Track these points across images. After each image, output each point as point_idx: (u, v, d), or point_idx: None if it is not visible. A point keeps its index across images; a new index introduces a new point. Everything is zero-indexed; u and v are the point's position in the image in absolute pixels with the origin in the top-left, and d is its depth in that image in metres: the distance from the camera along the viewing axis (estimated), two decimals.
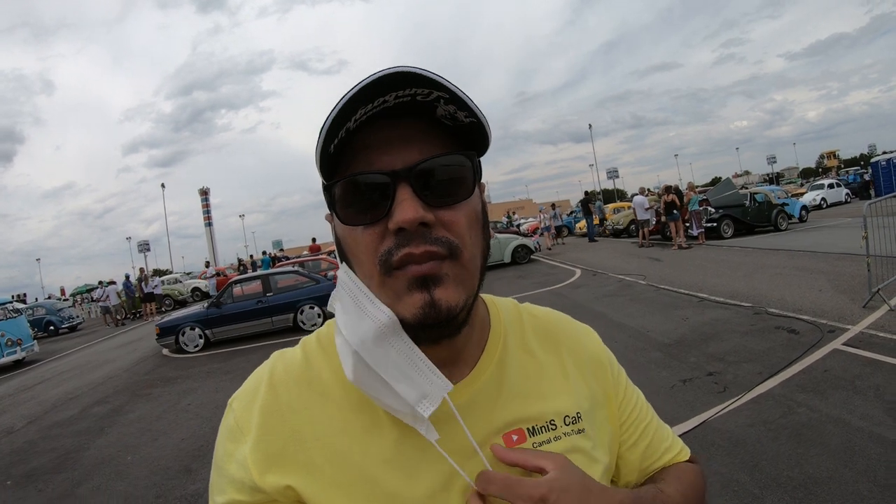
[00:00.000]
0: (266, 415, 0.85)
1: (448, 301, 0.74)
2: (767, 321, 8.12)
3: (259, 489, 0.80)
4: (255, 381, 0.91)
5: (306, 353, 0.93)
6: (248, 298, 15.00)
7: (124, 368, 13.98)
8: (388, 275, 0.74)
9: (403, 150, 0.75)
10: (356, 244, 0.77)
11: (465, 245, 0.76)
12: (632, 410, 1.04)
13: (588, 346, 1.06)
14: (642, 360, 7.18)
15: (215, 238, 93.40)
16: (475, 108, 0.75)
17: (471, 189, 0.79)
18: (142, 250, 58.38)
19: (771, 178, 75.89)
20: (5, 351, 18.41)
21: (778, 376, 5.84)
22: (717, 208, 21.80)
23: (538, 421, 0.89)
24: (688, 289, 11.51)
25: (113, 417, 9.12)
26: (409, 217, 0.71)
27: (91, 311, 40.99)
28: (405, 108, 0.73)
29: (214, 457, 0.88)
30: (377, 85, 0.68)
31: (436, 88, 0.71)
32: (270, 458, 0.81)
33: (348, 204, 0.76)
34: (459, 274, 0.76)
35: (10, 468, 7.42)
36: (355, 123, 0.72)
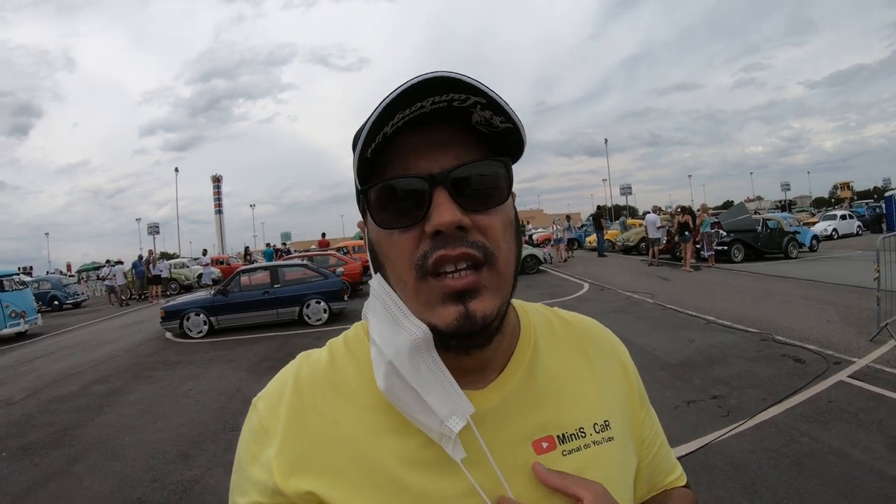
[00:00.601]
0: (291, 417, 0.85)
1: (483, 311, 0.74)
2: (774, 348, 8.12)
3: (280, 493, 0.80)
4: (280, 382, 0.91)
5: (333, 356, 0.93)
6: (255, 288, 15.02)
7: (127, 349, 14.02)
8: (423, 280, 0.74)
9: (439, 155, 0.76)
10: (391, 248, 0.78)
11: (500, 250, 0.76)
12: (651, 429, 1.05)
13: (617, 356, 1.06)
14: (647, 378, 6.95)
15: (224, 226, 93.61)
16: (512, 113, 0.75)
17: (505, 195, 0.79)
18: (151, 232, 58.48)
19: (783, 206, 75.60)
20: (8, 322, 18.52)
21: (782, 404, 5.86)
22: (728, 231, 21.73)
23: (568, 428, 0.88)
24: (695, 310, 11.50)
25: (113, 397, 9.17)
26: (447, 220, 0.72)
27: (96, 289, 40.81)
28: (441, 113, 0.74)
29: (237, 457, 0.89)
30: (415, 90, 0.69)
31: (473, 94, 0.72)
32: (295, 462, 0.81)
33: (384, 207, 0.77)
34: (495, 282, 0.76)
35: (6, 440, 7.47)
36: (392, 128, 0.73)
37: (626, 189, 75.40)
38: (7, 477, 6.14)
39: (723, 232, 21.42)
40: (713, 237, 20.31)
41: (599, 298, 14.56)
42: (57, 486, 5.71)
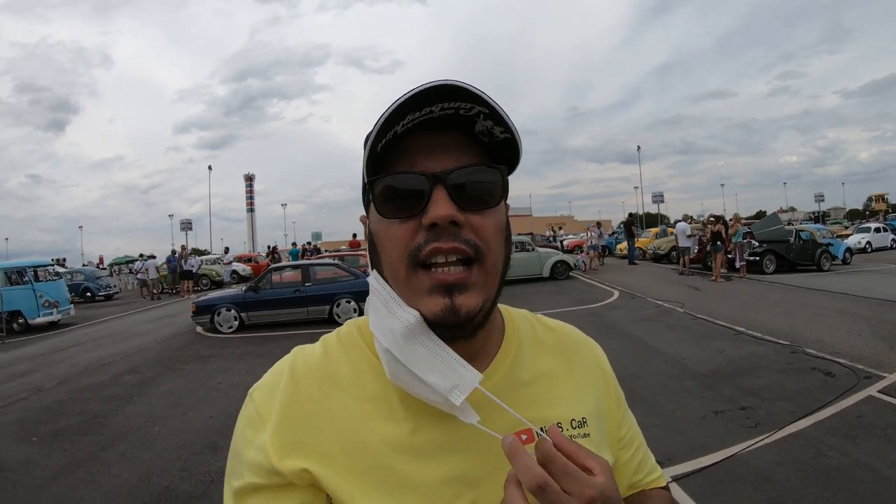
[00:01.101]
0: (286, 405, 0.88)
1: (468, 306, 0.80)
2: (804, 361, 8.03)
3: (277, 472, 0.83)
4: (275, 373, 0.95)
5: (326, 349, 0.97)
6: (286, 286, 15.16)
7: (158, 341, 14.20)
8: (413, 270, 0.81)
9: (443, 157, 0.82)
10: (388, 237, 0.84)
11: (489, 250, 0.82)
12: (628, 430, 1.12)
13: (596, 360, 1.12)
14: (676, 387, 7.17)
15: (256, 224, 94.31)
16: (511, 125, 0.81)
17: (498, 200, 0.86)
18: (184, 228, 59.16)
19: (817, 217, 74.62)
20: (42, 311, 18.91)
21: (811, 417, 5.79)
22: (760, 242, 21.49)
23: (546, 423, 0.92)
24: (725, 321, 11.38)
25: (143, 387, 9.31)
26: (443, 213, 0.78)
27: (128, 282, 41.47)
28: (447, 120, 0.80)
29: (233, 444, 0.92)
30: (427, 94, 0.75)
31: (478, 104, 0.78)
32: (288, 445, 0.85)
33: (387, 199, 0.83)
34: (482, 279, 0.82)
35: (37, 425, 7.62)
36: (403, 128, 0.78)
37: (658, 197, 74.67)
38: (37, 461, 6.25)
39: (755, 242, 21.18)
40: (745, 247, 20.10)
41: (629, 306, 14.47)
42: (85, 472, 5.80)
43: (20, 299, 18.84)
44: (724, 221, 19.93)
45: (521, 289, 19.94)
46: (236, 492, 0.86)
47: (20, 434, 7.33)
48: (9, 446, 6.88)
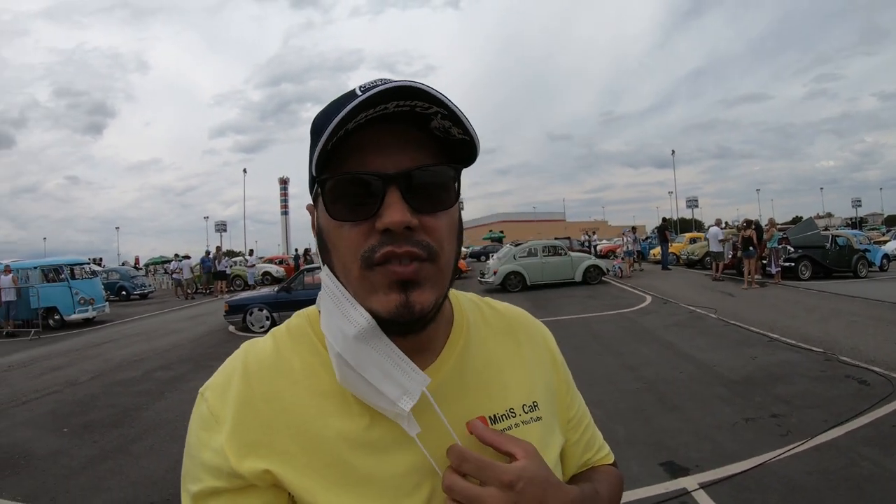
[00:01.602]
0: (240, 404, 0.86)
1: (422, 302, 0.79)
2: (838, 369, 7.88)
3: (237, 475, 0.81)
4: (227, 371, 0.93)
5: (277, 343, 0.96)
6: (318, 287, 14.95)
7: (190, 339, 14.43)
8: (368, 269, 0.79)
9: (396, 155, 0.80)
10: (340, 239, 0.82)
11: (442, 250, 0.82)
12: (577, 410, 1.14)
13: (544, 342, 1.14)
14: (707, 393, 7.07)
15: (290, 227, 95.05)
16: (470, 127, 0.80)
17: (453, 200, 0.85)
18: (218, 230, 60.09)
19: (854, 223, 73.38)
20: (77, 308, 19.33)
21: (844, 426, 5.67)
22: (796, 248, 21.18)
23: (498, 409, 0.95)
24: (759, 327, 11.21)
25: (174, 384, 9.44)
26: (397, 220, 0.76)
27: (163, 282, 42.11)
28: (402, 114, 0.78)
29: (187, 445, 0.89)
30: (382, 95, 0.73)
31: (435, 104, 0.76)
32: (246, 446, 0.83)
33: (338, 199, 0.81)
34: (435, 276, 0.82)
35: (69, 417, 7.80)
36: (355, 125, 0.76)
37: (693, 202, 74.16)
38: (67, 451, 6.39)
39: (790, 248, 20.89)
40: (780, 253, 19.81)
41: (662, 311, 14.33)
42: (114, 463, 5.92)
43: (56, 296, 19.23)
44: (756, 226, 19.60)
45: (553, 293, 19.95)
46: (195, 496, 0.84)
47: (52, 425, 7.49)
48: (41, 436, 7.03)
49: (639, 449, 5.42)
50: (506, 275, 21.61)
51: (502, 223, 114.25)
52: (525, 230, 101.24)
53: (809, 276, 20.42)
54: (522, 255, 22.51)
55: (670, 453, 5.27)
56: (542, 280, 22.07)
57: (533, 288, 21.63)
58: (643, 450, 5.40)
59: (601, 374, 8.20)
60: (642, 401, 6.90)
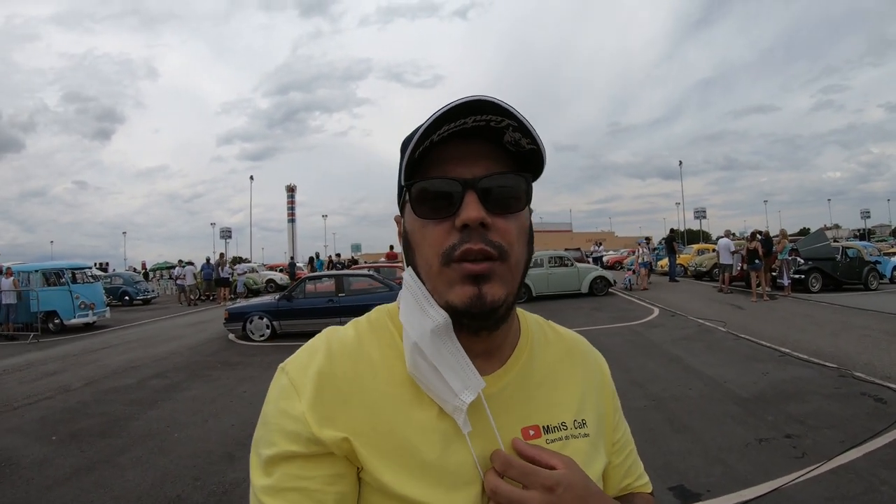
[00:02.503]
0: (322, 378, 0.91)
1: (493, 295, 0.87)
2: (853, 386, 7.66)
3: (317, 441, 0.85)
4: (310, 349, 0.98)
5: (358, 332, 1.02)
6: (319, 296, 15.21)
7: (189, 346, 14.35)
8: (447, 266, 0.87)
9: (473, 165, 0.90)
10: (424, 237, 0.91)
11: (512, 251, 0.90)
12: (622, 435, 1.19)
13: (598, 368, 1.19)
14: (717, 412, 6.83)
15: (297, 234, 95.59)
16: (537, 137, 0.89)
17: (523, 205, 0.93)
18: (224, 237, 60.88)
19: (862, 234, 73.15)
20: (78, 313, 19.34)
21: (861, 447, 5.44)
22: (806, 259, 20.93)
23: (552, 421, 1.00)
24: (769, 341, 10.99)
25: (168, 392, 9.34)
26: (474, 216, 0.85)
27: (167, 287, 42.32)
28: (478, 130, 0.88)
29: (263, 415, 0.93)
30: (462, 108, 0.82)
31: (507, 117, 0.85)
32: (326, 418, 0.87)
33: (423, 202, 0.90)
34: (505, 274, 0.89)
35: (58, 425, 7.70)
36: (439, 137, 0.86)
37: (700, 213, 74.25)
38: (52, 461, 6.25)
39: (800, 259, 20.65)
40: (791, 265, 19.59)
41: (669, 324, 14.12)
42: (98, 475, 5.76)
43: (56, 300, 19.22)
44: (764, 238, 19.39)
45: (559, 304, 19.78)
46: (267, 459, 0.87)
47: (41, 433, 7.37)
48: (28, 444, 6.90)
49: (647, 472, 5.14)
50: None
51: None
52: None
53: (819, 289, 20.20)
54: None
55: (680, 477, 5.03)
56: (548, 291, 21.94)
57: (539, 299, 21.46)
58: (651, 473, 4.96)
59: None
60: (650, 420, 6.67)
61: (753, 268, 18.53)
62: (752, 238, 19.31)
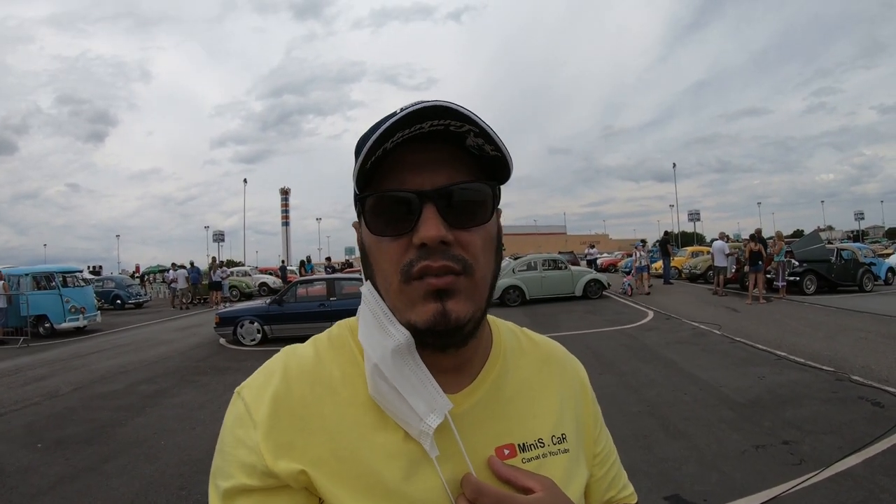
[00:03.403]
0: (278, 404, 0.85)
1: (458, 312, 0.80)
2: (850, 389, 7.58)
3: (272, 474, 0.80)
4: (266, 372, 0.93)
5: (318, 351, 0.96)
6: (310, 300, 15.17)
7: (179, 351, 14.33)
8: (406, 283, 0.81)
9: (432, 173, 0.83)
10: (381, 253, 0.85)
11: (478, 265, 0.83)
12: (604, 446, 1.12)
13: (577, 376, 1.14)
14: (712, 417, 6.74)
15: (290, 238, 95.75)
16: (501, 144, 0.83)
17: (489, 215, 0.87)
18: (217, 240, 61.11)
19: (855, 236, 73.36)
20: (68, 317, 19.37)
21: (860, 453, 5.36)
22: (800, 262, 20.96)
23: (528, 438, 0.95)
24: (765, 344, 10.94)
25: (156, 398, 9.29)
26: (432, 235, 0.78)
27: (160, 291, 42.37)
28: (437, 134, 0.80)
29: (220, 443, 0.88)
30: (416, 115, 0.76)
31: (467, 122, 0.78)
32: (282, 447, 0.82)
33: (378, 216, 0.84)
34: (470, 289, 0.83)
35: (44, 431, 7.65)
36: (392, 144, 0.79)
37: (694, 215, 74.48)
38: (36, 469, 6.20)
39: (795, 262, 20.66)
40: (786, 267, 19.57)
41: (664, 328, 14.08)
42: (83, 484, 5.71)
43: (47, 304, 19.21)
44: (762, 240, 19.36)
45: (552, 307, 19.80)
46: (224, 493, 0.82)
47: (26, 439, 7.32)
48: (13, 451, 6.85)
49: (641, 480, 5.05)
50: (504, 289, 21.36)
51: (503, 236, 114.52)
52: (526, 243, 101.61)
53: (815, 291, 20.25)
54: (521, 268, 22.39)
55: (676, 486, 4.94)
56: (542, 294, 21.92)
57: (532, 302, 21.47)
58: (646, 482, 5.05)
59: (601, 394, 7.66)
60: (644, 426, 6.59)
61: (755, 270, 18.49)
62: (752, 239, 19.26)
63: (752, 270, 18.58)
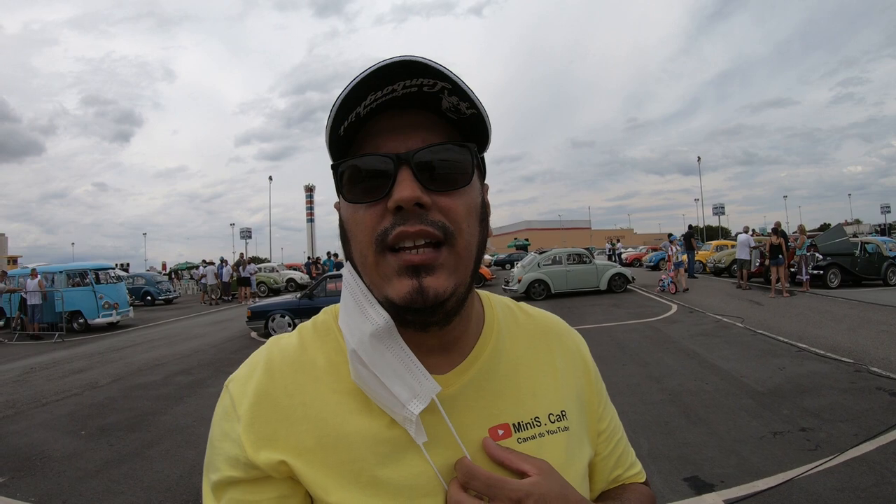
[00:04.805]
0: (261, 396, 0.87)
1: (436, 288, 0.79)
2: (869, 380, 7.67)
3: (254, 465, 0.82)
4: (251, 364, 0.94)
5: (302, 340, 0.96)
6: (339, 294, 15.04)
7: (212, 344, 14.58)
8: (381, 255, 0.80)
9: (408, 137, 0.81)
10: (356, 224, 0.83)
11: (460, 232, 0.81)
12: (609, 423, 1.10)
13: (578, 351, 1.11)
14: (733, 405, 6.89)
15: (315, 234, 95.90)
16: (475, 99, 0.81)
17: (469, 178, 0.84)
18: (243, 237, 61.26)
19: (883, 229, 72.01)
20: (101, 312, 19.71)
21: (875, 441, 5.48)
22: (824, 255, 20.73)
23: (524, 417, 0.93)
24: (787, 337, 11.02)
25: (193, 388, 9.52)
26: (406, 195, 0.76)
27: (188, 287, 42.66)
28: (412, 98, 0.79)
29: (209, 436, 0.90)
30: (386, 73, 0.74)
31: (440, 79, 0.77)
32: (263, 438, 0.83)
33: (353, 183, 0.82)
34: (452, 262, 0.81)
35: (87, 419, 7.89)
36: (366, 109, 0.78)
37: (719, 209, 73.65)
38: (82, 454, 6.43)
39: (819, 255, 20.50)
40: (809, 260, 19.55)
41: (688, 320, 14.14)
42: (129, 467, 5.92)
43: (81, 300, 19.60)
44: (783, 234, 19.23)
45: (577, 301, 19.86)
46: (214, 485, 0.86)
47: (70, 427, 7.57)
48: (58, 438, 7.10)
49: (662, 463, 5.28)
50: (530, 283, 21.54)
51: (528, 231, 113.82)
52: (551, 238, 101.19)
53: (838, 284, 20.12)
54: (547, 262, 22.45)
55: (695, 468, 5.12)
56: (567, 288, 22.02)
57: (557, 296, 21.55)
58: (666, 464, 5.25)
59: (625, 384, 8.07)
60: (666, 413, 6.75)
61: (776, 263, 18.42)
62: (774, 232, 19.14)
63: (773, 264, 18.51)
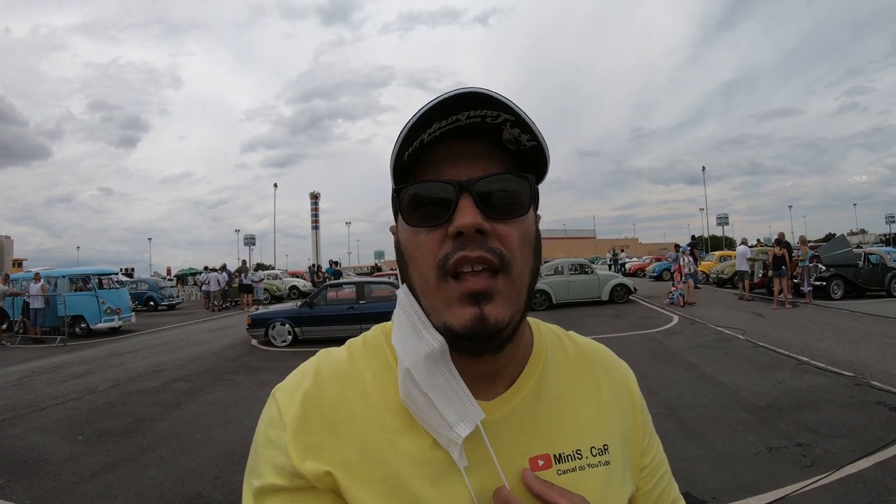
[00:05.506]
0: (308, 407, 0.87)
1: (496, 316, 0.78)
2: (868, 394, 7.64)
3: (299, 475, 0.82)
4: (300, 374, 0.94)
5: (352, 355, 0.96)
6: (340, 303, 15.40)
7: (212, 351, 14.61)
8: (443, 280, 0.80)
9: (469, 166, 0.82)
10: (416, 248, 0.83)
11: (514, 259, 0.81)
12: (653, 458, 1.07)
13: (626, 384, 1.08)
14: (730, 419, 6.87)
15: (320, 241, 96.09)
16: (537, 132, 0.82)
17: (526, 209, 0.85)
18: (247, 243, 61.51)
19: (888, 240, 71.70)
20: (103, 317, 19.73)
21: (872, 457, 5.44)
22: (827, 266, 20.65)
23: (565, 449, 0.91)
24: (788, 350, 10.97)
25: (192, 395, 9.53)
26: (469, 222, 0.77)
27: (192, 293, 42.79)
28: (474, 128, 0.80)
29: (254, 443, 0.90)
30: (452, 103, 0.75)
31: (504, 111, 0.78)
32: (309, 448, 0.83)
33: (415, 208, 0.83)
34: (509, 290, 0.80)
35: (84, 424, 7.92)
36: (430, 136, 0.79)
37: (723, 219, 73.64)
38: (78, 458, 6.46)
39: (821, 266, 20.43)
40: (812, 271, 19.46)
41: (688, 332, 14.13)
42: (123, 473, 5.95)
43: (83, 305, 19.64)
44: (787, 245, 19.15)
45: (579, 311, 19.83)
46: (256, 491, 0.85)
47: (68, 431, 7.61)
48: (55, 442, 7.14)
49: None
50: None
51: None
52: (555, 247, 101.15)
53: (841, 296, 20.02)
54: (548, 273, 22.47)
55: (688, 484, 5.08)
56: (569, 298, 21.99)
57: (559, 306, 21.53)
58: None
59: None
60: (663, 427, 6.63)
61: (778, 274, 18.34)
62: (777, 243, 19.08)
63: (775, 275, 18.44)
